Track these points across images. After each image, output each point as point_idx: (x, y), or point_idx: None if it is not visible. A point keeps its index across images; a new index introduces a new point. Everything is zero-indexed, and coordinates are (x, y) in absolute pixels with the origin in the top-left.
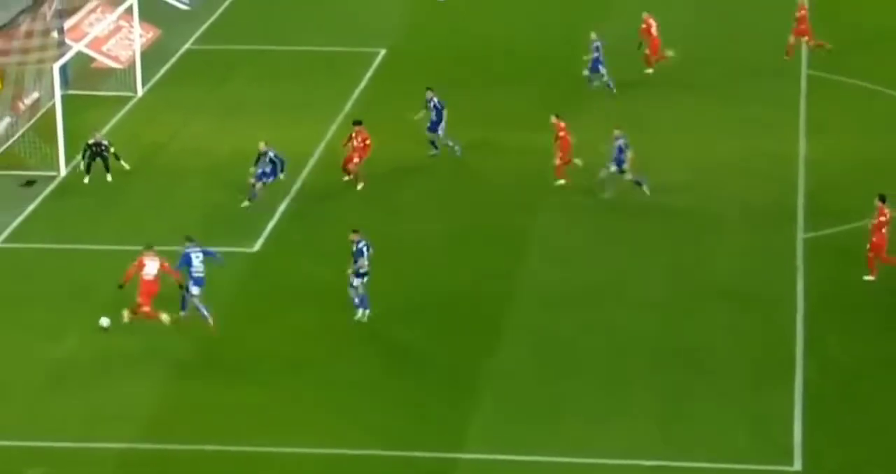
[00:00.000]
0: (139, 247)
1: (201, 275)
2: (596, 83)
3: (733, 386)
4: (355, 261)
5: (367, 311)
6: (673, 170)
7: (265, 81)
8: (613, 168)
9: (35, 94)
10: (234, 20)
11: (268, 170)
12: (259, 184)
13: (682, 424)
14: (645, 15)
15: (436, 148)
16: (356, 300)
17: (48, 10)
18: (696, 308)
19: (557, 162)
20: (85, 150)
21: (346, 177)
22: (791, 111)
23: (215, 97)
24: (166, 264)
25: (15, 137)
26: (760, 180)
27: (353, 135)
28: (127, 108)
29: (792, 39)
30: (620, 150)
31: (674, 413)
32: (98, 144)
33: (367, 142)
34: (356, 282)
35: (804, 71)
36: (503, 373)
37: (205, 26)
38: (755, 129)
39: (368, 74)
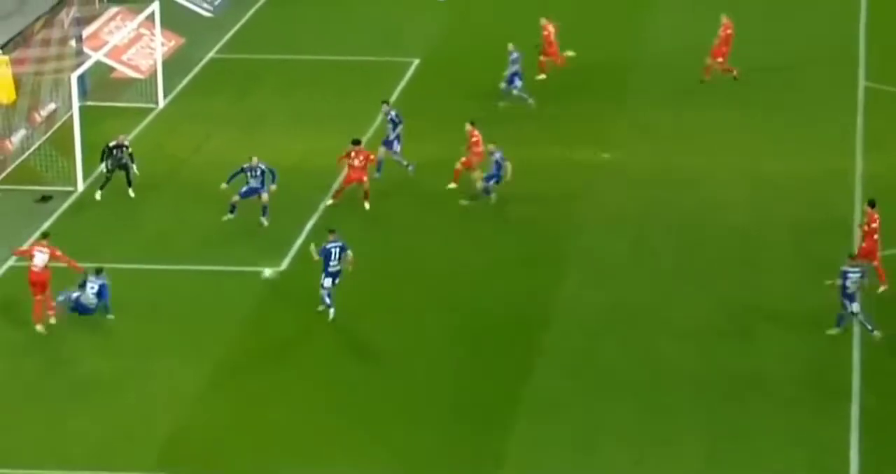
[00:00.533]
0: (163, 266)
1: (91, 307)
2: (514, 94)
3: (785, 413)
4: (326, 261)
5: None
6: (722, 185)
7: (292, 92)
8: (492, 183)
9: (52, 106)
10: (260, 28)
11: (257, 184)
12: (264, 195)
13: (730, 454)
14: (543, 21)
15: (378, 170)
16: (328, 300)
17: (66, 18)
18: (745, 331)
19: (458, 166)
20: (104, 154)
21: (331, 202)
22: (847, 124)
23: (240, 108)
24: (58, 252)
25: (30, 150)
26: (814, 197)
27: (353, 154)
28: (148, 119)
29: (709, 60)
30: (498, 166)
31: (721, 442)
32: (120, 147)
33: (372, 157)
34: (327, 282)
35: (861, 82)
36: (540, 399)
37: (230, 34)
38: (809, 143)
39: (401, 85)
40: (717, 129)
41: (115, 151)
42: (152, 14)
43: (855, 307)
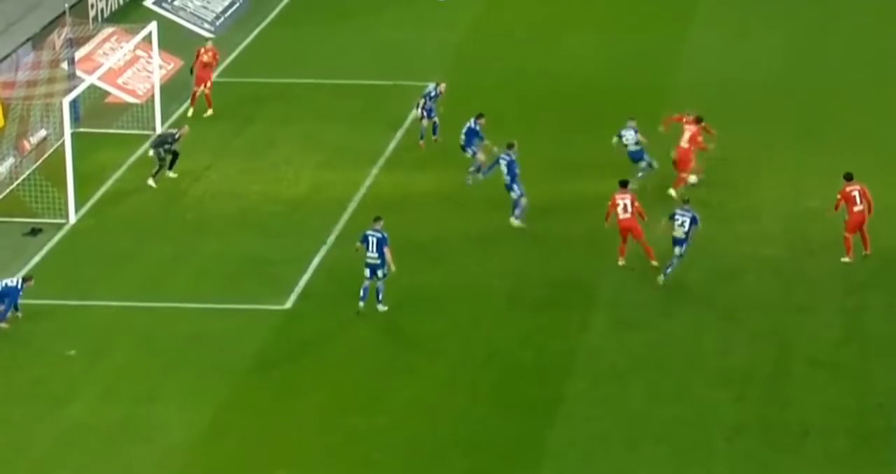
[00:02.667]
0: (159, 304)
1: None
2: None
3: (826, 462)
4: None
5: (382, 306)
6: (763, 220)
7: (299, 119)
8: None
9: (42, 132)
10: (265, 50)
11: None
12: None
13: None
14: (210, 44)
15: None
16: (361, 292)
17: (57, 39)
18: (782, 377)
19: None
20: (168, 142)
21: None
22: (894, 155)
23: (243, 136)
24: None
25: (19, 180)
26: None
27: (704, 126)
28: (145, 147)
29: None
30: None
31: None
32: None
33: (700, 138)
34: (366, 272)
35: None
36: (566, 448)
37: (232, 56)
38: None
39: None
40: (758, 159)
41: (164, 141)
42: (150, 35)
43: (677, 250)
